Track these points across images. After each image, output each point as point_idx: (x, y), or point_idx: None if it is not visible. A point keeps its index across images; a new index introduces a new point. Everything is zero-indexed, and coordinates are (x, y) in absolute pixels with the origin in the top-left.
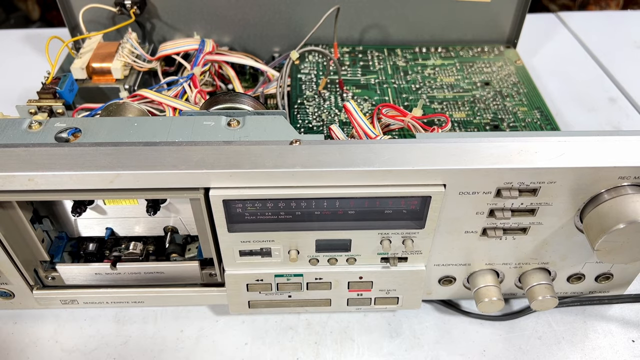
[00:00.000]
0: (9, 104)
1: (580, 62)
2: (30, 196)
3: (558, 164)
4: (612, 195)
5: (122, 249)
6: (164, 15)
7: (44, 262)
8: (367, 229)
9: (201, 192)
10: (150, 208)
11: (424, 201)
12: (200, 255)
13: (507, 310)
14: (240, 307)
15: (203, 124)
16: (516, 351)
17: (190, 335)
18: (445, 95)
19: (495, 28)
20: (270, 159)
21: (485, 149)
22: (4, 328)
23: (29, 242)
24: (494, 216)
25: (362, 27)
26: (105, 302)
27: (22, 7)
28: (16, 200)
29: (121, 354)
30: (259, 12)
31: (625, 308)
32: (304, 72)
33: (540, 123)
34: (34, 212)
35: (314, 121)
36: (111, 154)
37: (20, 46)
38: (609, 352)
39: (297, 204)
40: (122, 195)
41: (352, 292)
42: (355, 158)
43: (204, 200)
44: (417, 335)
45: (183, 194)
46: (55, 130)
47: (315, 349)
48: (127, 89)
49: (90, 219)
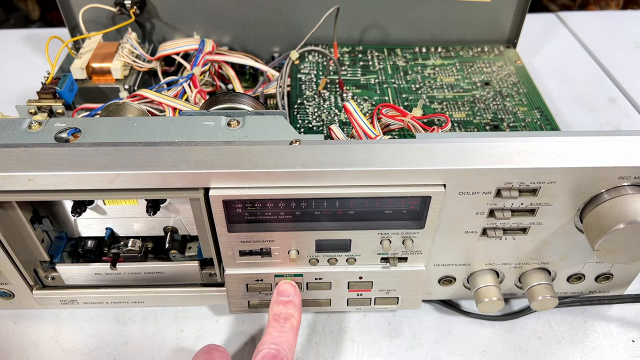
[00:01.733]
0: (9, 104)
1: (580, 62)
2: (30, 196)
3: (558, 164)
4: (612, 195)
5: (121, 246)
6: (164, 15)
7: (44, 262)
8: (367, 229)
9: (201, 192)
10: (150, 208)
11: (424, 201)
12: (200, 255)
13: (507, 310)
14: (240, 307)
15: (203, 124)
16: (516, 351)
17: (190, 335)
18: (445, 95)
19: (495, 28)
20: (270, 159)
21: (485, 149)
22: (4, 328)
23: (28, 242)
24: (494, 216)
25: (362, 27)
26: (105, 302)
27: (22, 7)
28: (16, 200)
29: (121, 354)
30: (259, 12)
31: (625, 308)
32: (304, 72)
33: (540, 123)
34: (33, 212)
35: (313, 121)
36: (111, 154)
37: (20, 46)
38: (609, 352)
39: (297, 204)
40: (122, 195)
41: (352, 292)
42: (355, 158)
43: (204, 200)
44: (417, 335)
45: (183, 194)
46: (55, 130)
47: (315, 349)
48: (127, 89)
49: (90, 219)
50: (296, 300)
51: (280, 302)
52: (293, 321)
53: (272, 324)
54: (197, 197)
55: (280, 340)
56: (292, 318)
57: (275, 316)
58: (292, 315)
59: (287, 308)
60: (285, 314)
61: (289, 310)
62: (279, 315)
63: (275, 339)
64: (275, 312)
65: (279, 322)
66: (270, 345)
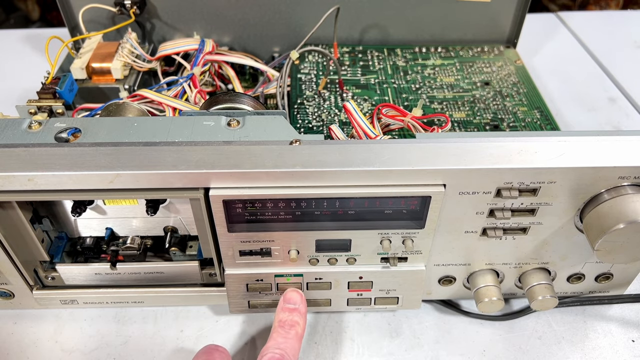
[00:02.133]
0: (9, 104)
1: (580, 62)
2: (30, 196)
3: (558, 164)
4: (612, 195)
5: (120, 244)
6: (164, 15)
7: (44, 262)
8: (367, 229)
9: (201, 192)
10: (150, 208)
11: (424, 201)
12: (200, 255)
13: (507, 310)
14: (240, 307)
15: (203, 124)
16: (516, 351)
17: (190, 335)
18: (445, 95)
19: (495, 28)
20: (270, 159)
21: (485, 149)
22: (4, 328)
23: (28, 242)
24: (494, 216)
25: (362, 27)
26: (105, 302)
27: (22, 7)
28: (16, 200)
29: (121, 354)
30: (259, 12)
31: (625, 308)
32: (304, 72)
33: (540, 123)
34: (33, 212)
35: (313, 121)
36: (111, 154)
37: (20, 46)
38: (609, 352)
39: (297, 204)
40: (122, 195)
41: (352, 292)
42: (355, 158)
43: (204, 200)
44: (417, 335)
45: (183, 194)
46: (55, 130)
47: (315, 349)
48: (127, 89)
49: (90, 219)
50: (302, 308)
51: (287, 309)
52: (298, 328)
53: (277, 330)
54: (197, 197)
55: (284, 346)
56: (297, 325)
57: (280, 322)
58: (297, 322)
59: (292, 315)
60: (291, 321)
61: (294, 318)
62: (284, 321)
63: (279, 344)
64: (280, 319)
65: (284, 328)
66: (275, 349)
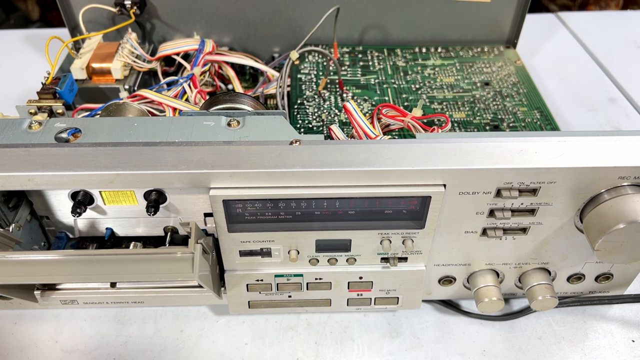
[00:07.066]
0: (9, 104)
1: (580, 62)
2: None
3: (558, 164)
4: (612, 195)
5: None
6: (164, 15)
7: None
8: (367, 229)
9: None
10: (151, 208)
11: (424, 201)
12: None
13: (507, 310)
14: (240, 307)
15: (203, 124)
16: (516, 351)
17: (190, 335)
18: (445, 95)
19: (495, 28)
20: (270, 159)
21: (485, 149)
22: (4, 328)
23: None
24: (494, 216)
25: (362, 27)
26: (105, 302)
27: (22, 7)
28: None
29: (121, 354)
30: (259, 12)
31: (625, 308)
32: (304, 72)
33: (540, 123)
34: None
35: (314, 121)
36: (111, 154)
37: (20, 46)
38: (609, 352)
39: (297, 204)
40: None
41: (352, 292)
42: (355, 158)
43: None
44: (417, 335)
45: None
46: (55, 130)
47: (315, 349)
48: (127, 89)
49: (90, 219)
50: None
51: None
52: None
53: None
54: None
55: None
56: None
57: None
58: None
59: None
60: None
61: None
62: None
63: None
64: None
65: None
66: None
